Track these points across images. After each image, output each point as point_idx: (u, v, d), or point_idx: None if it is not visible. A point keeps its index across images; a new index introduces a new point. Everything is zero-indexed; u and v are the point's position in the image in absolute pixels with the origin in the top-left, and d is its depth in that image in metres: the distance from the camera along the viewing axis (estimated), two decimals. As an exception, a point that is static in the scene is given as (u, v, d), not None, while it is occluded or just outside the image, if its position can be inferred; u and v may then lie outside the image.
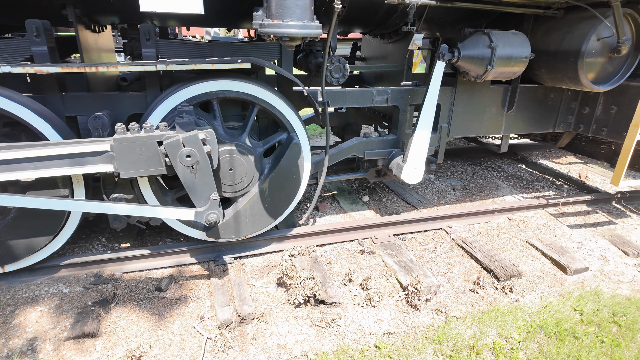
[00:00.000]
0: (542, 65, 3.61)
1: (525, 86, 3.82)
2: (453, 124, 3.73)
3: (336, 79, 3.29)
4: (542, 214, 3.97)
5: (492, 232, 3.71)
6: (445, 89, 3.60)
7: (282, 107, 2.91)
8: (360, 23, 3.52)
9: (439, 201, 4.36)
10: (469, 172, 5.18)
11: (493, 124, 3.88)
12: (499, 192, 4.58)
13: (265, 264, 3.23)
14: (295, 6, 1.88)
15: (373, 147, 3.60)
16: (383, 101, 3.46)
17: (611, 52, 3.26)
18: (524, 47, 3.18)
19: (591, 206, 4.15)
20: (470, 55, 3.16)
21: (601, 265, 3.25)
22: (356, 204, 4.29)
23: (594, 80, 3.45)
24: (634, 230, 3.75)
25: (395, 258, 3.27)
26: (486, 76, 3.23)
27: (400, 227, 3.68)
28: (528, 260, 3.33)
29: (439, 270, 3.20)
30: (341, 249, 3.43)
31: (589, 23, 3.20)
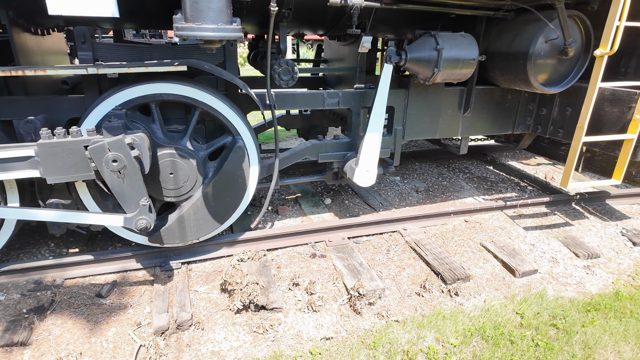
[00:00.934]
0: (496, 67, 3.61)
1: (481, 88, 3.82)
2: (408, 126, 3.72)
3: (285, 81, 3.26)
4: (500, 216, 3.97)
5: (447, 234, 3.70)
6: (399, 91, 3.59)
7: (225, 109, 2.88)
8: (310, 25, 3.50)
9: (400, 203, 4.35)
10: (435, 174, 5.17)
11: (449, 126, 3.88)
12: (461, 193, 4.58)
13: (214, 269, 3.19)
14: (208, 9, 1.84)
15: (327, 150, 3.58)
16: (334, 104, 3.44)
17: (560, 54, 3.26)
18: (472, 49, 3.17)
19: (550, 207, 4.15)
20: (417, 58, 3.15)
21: (550, 267, 3.25)
22: (317, 207, 4.26)
23: (545, 81, 3.45)
24: (588, 231, 3.76)
25: (345, 261, 3.24)
26: (434, 79, 3.22)
27: (356, 229, 3.65)
28: (479, 262, 3.32)
29: (388, 273, 3.18)
30: (293, 253, 3.40)
31: (537, 25, 3.20)
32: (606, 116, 3.40)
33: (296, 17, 3.28)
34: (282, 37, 3.30)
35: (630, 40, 3.36)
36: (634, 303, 2.83)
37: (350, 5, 2.89)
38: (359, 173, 3.43)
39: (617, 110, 3.31)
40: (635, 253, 3.48)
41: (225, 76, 2.80)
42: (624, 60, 3.45)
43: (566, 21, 3.02)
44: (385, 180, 4.95)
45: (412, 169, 5.37)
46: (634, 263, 3.35)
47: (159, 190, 2.87)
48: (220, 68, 2.86)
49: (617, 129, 3.31)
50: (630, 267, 3.31)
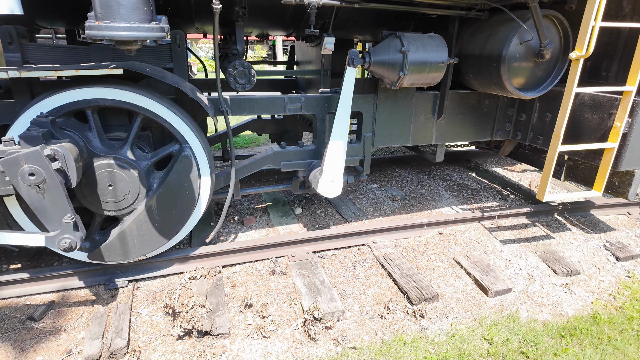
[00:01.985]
0: (470, 70, 3.39)
1: (456, 92, 3.61)
2: (377, 133, 3.50)
3: (241, 85, 3.04)
4: (477, 228, 3.75)
5: (419, 247, 3.48)
6: (367, 96, 3.37)
7: (169, 116, 2.65)
8: (271, 25, 3.28)
9: (373, 213, 4.13)
10: (414, 181, 4.95)
11: (423, 132, 3.66)
12: (438, 203, 4.36)
13: (162, 287, 2.96)
14: (118, 6, 1.62)
15: (290, 158, 3.35)
16: (297, 109, 3.22)
17: (536, 56, 3.05)
18: (440, 52, 2.95)
19: (531, 218, 3.93)
20: (381, 61, 2.93)
21: (526, 285, 3.03)
22: (287, 217, 4.03)
23: (522, 86, 3.24)
24: (569, 245, 3.54)
25: (306, 279, 3.01)
26: (400, 83, 3.00)
27: (322, 243, 3.43)
28: (450, 280, 3.09)
29: (352, 291, 2.95)
30: (252, 270, 3.17)
31: (510, 26, 2.98)
32: (586, 123, 3.18)
33: (253, 17, 3.07)
34: (239, 37, 3.08)
35: (611, 42, 3.15)
36: (613, 327, 2.61)
37: (306, 4, 2.67)
38: (323, 183, 3.20)
39: (598, 117, 3.09)
40: (618, 269, 3.26)
41: (169, 80, 2.57)
42: (605, 64, 3.24)
43: (541, 21, 2.81)
44: (362, 188, 4.72)
45: (392, 175, 5.14)
46: (616, 280, 3.13)
47: (98, 204, 2.64)
48: (164, 71, 2.63)
49: (598, 137, 3.09)
50: (612, 284, 3.09)
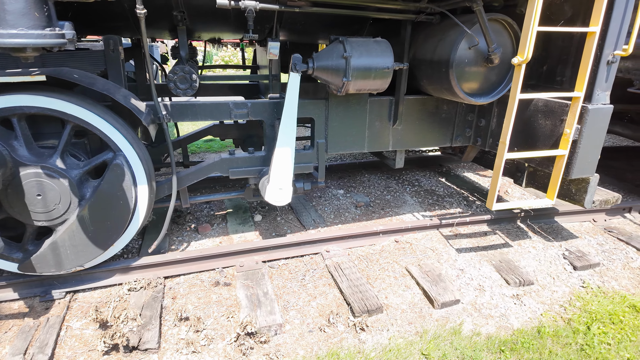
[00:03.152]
0: (423, 75, 3.32)
1: (412, 98, 3.53)
2: (330, 139, 3.42)
3: (182, 90, 2.96)
4: (434, 236, 3.67)
5: (373, 256, 3.40)
6: (318, 101, 3.29)
7: (101, 123, 2.57)
8: (218, 29, 3.21)
9: (334, 220, 4.05)
10: (382, 187, 4.87)
11: (378, 138, 3.58)
12: (401, 209, 4.28)
13: (101, 299, 2.87)
14: (4, 12, 1.55)
15: (239, 165, 3.27)
16: (243, 115, 3.14)
17: (485, 61, 2.98)
18: (386, 57, 2.87)
19: (491, 226, 3.86)
20: (324, 66, 2.85)
21: (475, 296, 2.95)
22: (244, 225, 3.95)
23: (474, 91, 3.16)
24: (527, 253, 3.46)
25: (250, 290, 2.93)
26: (345, 89, 2.93)
27: (273, 252, 3.34)
28: (399, 290, 3.01)
29: (296, 303, 2.87)
30: (196, 281, 3.08)
31: (458, 30, 2.91)
32: (540, 130, 3.11)
33: (195, 21, 3.00)
34: (181, 42, 3.01)
35: (565, 47, 3.08)
36: (556, 341, 2.53)
37: (242, 8, 2.60)
38: (271, 191, 3.13)
39: (551, 124, 3.02)
40: (574, 279, 3.18)
41: (98, 86, 2.50)
42: (560, 69, 3.16)
43: (486, 25, 2.73)
44: (327, 194, 4.65)
45: (360, 181, 5.07)
46: (569, 291, 3.05)
47: (26, 214, 2.56)
48: (95, 77, 2.56)
49: (551, 143, 3.02)
50: (565, 295, 3.01)
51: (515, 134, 3.36)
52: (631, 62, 3.99)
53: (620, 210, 4.17)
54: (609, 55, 2.67)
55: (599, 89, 2.75)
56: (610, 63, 2.69)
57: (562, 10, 2.77)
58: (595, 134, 2.84)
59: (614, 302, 2.91)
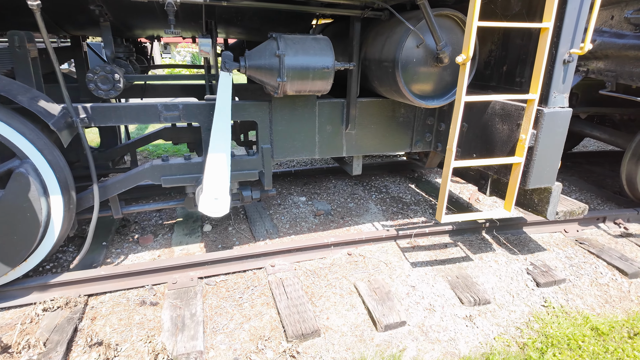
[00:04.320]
0: (374, 76, 3.08)
1: (366, 100, 3.29)
2: (276, 144, 3.17)
3: (105, 91, 2.71)
4: (390, 248, 3.41)
5: (321, 271, 3.14)
6: (260, 103, 3.05)
7: (2, 128, 2.32)
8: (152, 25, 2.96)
9: (288, 230, 3.79)
10: (347, 193, 4.62)
11: (331, 144, 3.33)
12: (362, 218, 4.03)
13: (13, 320, 2.61)
14: None
15: (173, 173, 3.02)
16: (175, 118, 2.89)
17: (435, 61, 2.74)
18: (325, 56, 2.63)
19: (454, 237, 3.61)
20: (257, 66, 2.61)
21: (424, 317, 2.69)
22: (191, 235, 3.70)
23: (425, 93, 2.93)
24: (487, 268, 3.20)
25: (177, 311, 2.67)
26: (282, 90, 2.68)
27: (212, 267, 3.09)
28: (343, 310, 2.76)
29: (226, 326, 2.61)
30: (122, 299, 2.82)
31: (405, 26, 2.67)
32: (498, 135, 2.87)
33: (119, 16, 2.75)
34: (105, 39, 2.76)
35: (524, 45, 2.84)
36: (505, 371, 2.28)
37: (161, 2, 2.36)
38: (206, 201, 2.86)
39: (507, 128, 2.78)
40: (535, 297, 2.93)
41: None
42: (519, 69, 2.93)
43: (433, 21, 2.49)
44: (288, 202, 4.39)
45: (325, 187, 4.82)
46: (529, 311, 2.80)
47: None
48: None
49: (508, 150, 2.78)
50: (524, 315, 2.76)
51: (474, 139, 3.13)
52: (603, 62, 3.77)
53: (594, 220, 3.92)
54: (565, 54, 2.43)
55: (556, 90, 2.51)
56: (567, 62, 2.45)
57: (509, 5, 2.53)
58: (553, 140, 2.60)
59: (575, 324, 2.66)
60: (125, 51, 3.22)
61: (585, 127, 4.84)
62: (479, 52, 3.19)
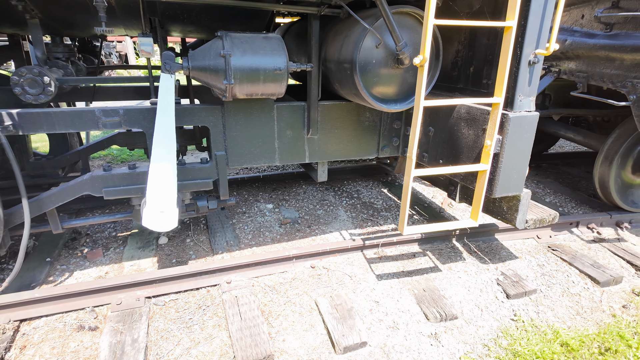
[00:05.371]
0: (335, 78, 2.89)
1: (329, 104, 3.10)
2: (231, 151, 2.95)
3: (33, 95, 2.45)
4: (356, 259, 3.24)
5: (281, 286, 2.94)
6: (212, 107, 2.82)
7: None
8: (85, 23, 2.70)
9: (250, 242, 3.57)
10: (317, 199, 4.43)
11: (292, 150, 3.13)
12: (330, 226, 3.84)
13: None
14: None
15: (116, 184, 2.77)
16: (115, 124, 2.64)
17: (396, 62, 2.56)
18: (276, 56, 2.42)
19: (423, 246, 3.45)
20: (201, 67, 2.39)
21: (387, 336, 2.52)
22: (145, 249, 3.44)
23: (387, 96, 2.75)
24: (456, 280, 3.05)
25: (117, 337, 2.43)
26: (232, 93, 2.46)
27: (162, 285, 2.85)
28: (301, 330, 2.56)
29: (171, 352, 2.39)
30: (58, 324, 2.56)
31: (363, 25, 2.49)
32: (464, 140, 2.71)
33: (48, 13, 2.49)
34: (35, 38, 2.49)
35: (490, 46, 2.69)
36: (468, 397, 2.12)
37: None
38: (150, 215, 2.61)
39: (473, 134, 2.62)
40: (505, 310, 2.79)
41: None
42: (486, 70, 2.78)
43: (391, 19, 2.31)
44: (253, 209, 4.17)
45: (295, 193, 4.61)
46: (498, 325, 2.65)
47: None
48: None
49: (474, 156, 2.62)
50: (492, 331, 2.61)
51: (441, 144, 2.97)
52: (575, 63, 3.66)
53: (567, 225, 3.82)
54: (531, 55, 2.28)
55: (522, 93, 2.37)
56: (532, 64, 2.30)
57: (469, 1, 2.37)
58: (520, 146, 2.45)
59: (544, 339, 2.52)
60: (65, 51, 2.96)
61: (560, 128, 4.76)
62: (445, 52, 3.04)
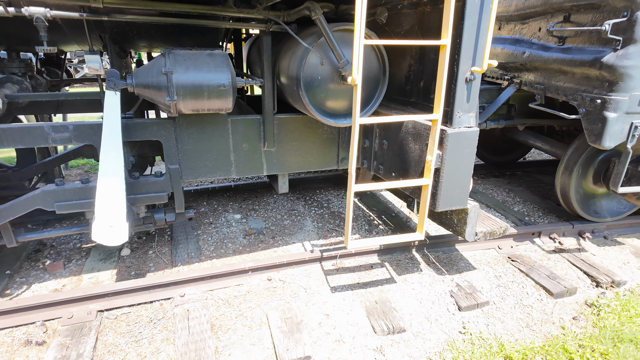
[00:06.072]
0: (287, 93, 2.93)
1: (286, 117, 3.13)
2: (185, 164, 2.98)
3: (-22, 112, 2.48)
4: (313, 271, 3.25)
5: (235, 300, 2.96)
6: (164, 121, 2.85)
7: None
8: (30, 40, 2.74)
9: (212, 253, 3.59)
10: (286, 209, 4.45)
11: (248, 162, 3.16)
12: (294, 237, 3.86)
13: None
14: None
15: (68, 198, 2.78)
16: (66, 140, 2.67)
17: (341, 78, 2.60)
18: (220, 73, 2.46)
19: (382, 256, 3.47)
20: (144, 84, 2.42)
21: (332, 350, 2.53)
22: (106, 261, 3.46)
23: (336, 111, 2.79)
24: (410, 291, 3.07)
25: (63, 352, 2.44)
26: (177, 110, 2.50)
27: (115, 299, 2.86)
28: (248, 344, 2.57)
29: (115, 367, 2.40)
30: (7, 339, 2.57)
31: (309, 42, 2.53)
32: (411, 155, 2.74)
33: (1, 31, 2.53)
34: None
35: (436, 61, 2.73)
36: (402, 412, 2.13)
37: (28, 16, 2.15)
38: (99, 229, 2.64)
39: (419, 149, 2.65)
40: (455, 322, 2.81)
41: None
42: (433, 86, 2.82)
43: (330, 37, 2.36)
44: (221, 220, 4.19)
45: (266, 202, 4.64)
46: (445, 338, 2.67)
47: None
48: None
49: (420, 171, 2.66)
50: (439, 344, 2.62)
51: (393, 158, 3.00)
52: (533, 75, 3.71)
53: (529, 234, 3.85)
54: (467, 72, 2.32)
55: (460, 110, 2.40)
56: (469, 81, 2.34)
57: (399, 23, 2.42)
58: (460, 161, 2.48)
59: (489, 352, 2.54)
60: (21, 66, 2.99)
61: (529, 137, 4.80)
62: (400, 66, 3.08)
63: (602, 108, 2.92)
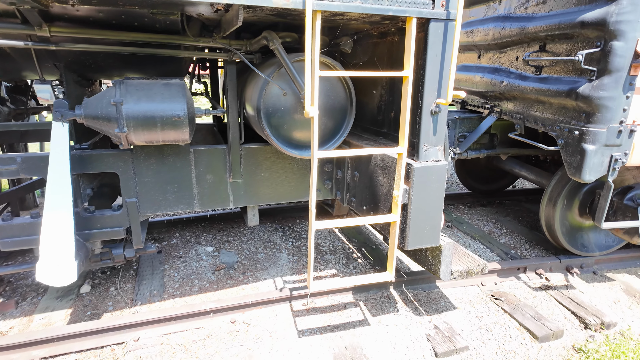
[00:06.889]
0: (252, 122, 2.81)
1: (254, 147, 3.00)
2: (144, 197, 2.82)
3: None
4: (282, 311, 3.03)
5: (193, 345, 2.72)
6: (121, 152, 2.71)
7: None
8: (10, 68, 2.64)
9: (175, 291, 3.37)
10: (262, 241, 4.26)
11: (213, 195, 3.00)
12: (266, 272, 3.65)
13: None
14: None
15: (14, 234, 2.60)
16: (13, 172, 2.51)
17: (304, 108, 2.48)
18: (175, 103, 2.34)
19: (357, 295, 3.26)
20: (93, 115, 2.30)
21: (291, 406, 2.29)
22: (63, 299, 3.23)
23: (301, 142, 2.67)
24: (384, 334, 2.85)
25: (-9, 408, 2.20)
26: (129, 142, 2.37)
27: (62, 344, 2.63)
28: (201, 398, 2.33)
29: None
30: None
31: (267, 72, 2.43)
32: (380, 188, 2.60)
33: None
34: None
35: (407, 91, 2.64)
36: None
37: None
38: (43, 269, 2.45)
39: (387, 182, 2.51)
40: (430, 371, 2.58)
41: None
42: (404, 116, 2.72)
43: (290, 67, 2.26)
44: (191, 253, 3.99)
45: (242, 233, 4.44)
46: (418, 390, 2.44)
47: None
48: None
49: (389, 206, 2.50)
50: (412, 397, 2.39)
51: (364, 190, 2.85)
52: (512, 104, 3.63)
53: (514, 270, 3.65)
54: (432, 105, 2.21)
55: (427, 143, 2.28)
56: (435, 113, 2.22)
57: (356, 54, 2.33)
58: (428, 197, 2.33)
59: (465, 408, 2.30)
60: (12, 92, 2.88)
61: (515, 166, 4.68)
62: (371, 96, 2.99)
63: (581, 140, 2.81)
